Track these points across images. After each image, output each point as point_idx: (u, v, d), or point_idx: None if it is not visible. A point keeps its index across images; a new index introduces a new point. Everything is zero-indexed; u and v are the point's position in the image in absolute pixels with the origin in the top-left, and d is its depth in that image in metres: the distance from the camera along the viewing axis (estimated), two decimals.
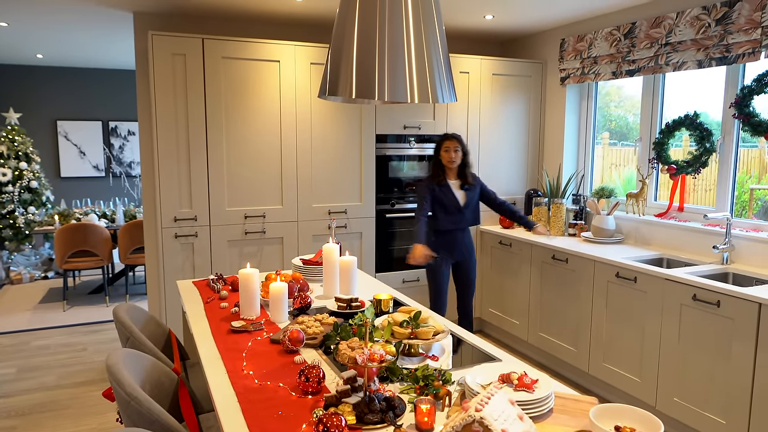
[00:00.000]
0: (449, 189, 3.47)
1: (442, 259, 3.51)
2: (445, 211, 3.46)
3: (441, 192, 3.45)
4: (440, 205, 3.47)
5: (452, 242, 3.52)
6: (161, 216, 3.54)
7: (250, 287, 2.11)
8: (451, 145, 3.43)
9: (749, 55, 3.05)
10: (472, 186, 3.55)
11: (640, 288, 3.11)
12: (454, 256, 3.55)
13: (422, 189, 3.47)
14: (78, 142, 7.09)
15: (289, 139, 3.80)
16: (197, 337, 1.93)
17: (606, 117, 4.37)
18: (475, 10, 3.83)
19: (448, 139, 3.45)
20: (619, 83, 4.23)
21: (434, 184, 3.47)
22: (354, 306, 2.18)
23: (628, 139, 4.24)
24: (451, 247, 3.53)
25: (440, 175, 3.46)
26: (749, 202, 3.43)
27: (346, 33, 1.78)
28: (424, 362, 1.68)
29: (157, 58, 3.43)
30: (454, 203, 3.47)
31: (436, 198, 3.46)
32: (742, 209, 3.43)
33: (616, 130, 4.32)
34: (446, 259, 3.53)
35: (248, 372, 1.62)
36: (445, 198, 3.45)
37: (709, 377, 2.75)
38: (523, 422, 1.10)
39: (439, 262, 3.50)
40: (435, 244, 3.50)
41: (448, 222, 3.48)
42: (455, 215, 3.48)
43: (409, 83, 1.77)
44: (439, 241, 3.51)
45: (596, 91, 4.36)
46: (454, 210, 3.47)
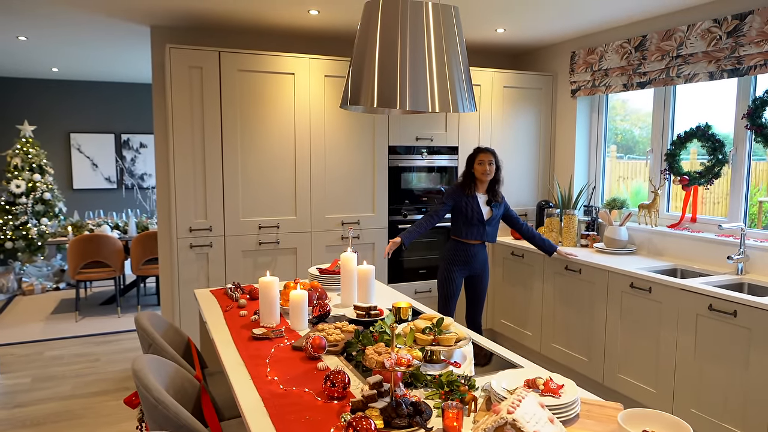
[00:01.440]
0: (476, 201, 3.45)
1: (457, 269, 3.51)
2: (467, 222, 3.45)
3: (466, 202, 3.43)
4: (463, 216, 3.45)
5: (470, 255, 3.50)
6: (177, 226, 3.57)
7: (270, 295, 2.13)
8: (486, 158, 3.42)
9: (761, 66, 3.07)
10: (499, 204, 3.52)
11: (654, 298, 3.11)
12: (469, 270, 3.54)
13: (447, 195, 3.46)
14: (90, 155, 7.17)
15: (303, 150, 3.84)
16: (219, 344, 1.95)
17: (612, 131, 4.40)
18: (487, 24, 3.88)
19: (483, 152, 3.44)
20: (624, 97, 4.26)
21: (462, 193, 3.45)
22: (373, 314, 2.20)
23: (634, 152, 4.26)
24: (467, 260, 3.51)
25: (470, 186, 3.45)
26: (758, 214, 3.43)
27: (368, 44, 1.82)
28: (447, 368, 1.69)
29: (175, 70, 3.49)
30: (478, 216, 3.44)
31: (461, 208, 3.44)
32: (752, 222, 3.43)
33: (623, 144, 4.34)
34: (461, 271, 3.52)
35: (273, 378, 1.63)
36: (470, 209, 3.43)
37: (726, 387, 2.74)
38: (554, 425, 1.11)
39: (454, 271, 3.50)
40: (452, 256, 3.50)
41: (468, 234, 3.46)
42: (476, 227, 3.46)
43: (430, 93, 1.81)
44: (457, 252, 3.50)
45: (607, 103, 4.39)
46: (476, 222, 3.45)
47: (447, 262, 3.51)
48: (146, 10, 3.51)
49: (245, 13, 3.59)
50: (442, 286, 3.55)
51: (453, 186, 3.52)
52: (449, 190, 3.49)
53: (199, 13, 3.60)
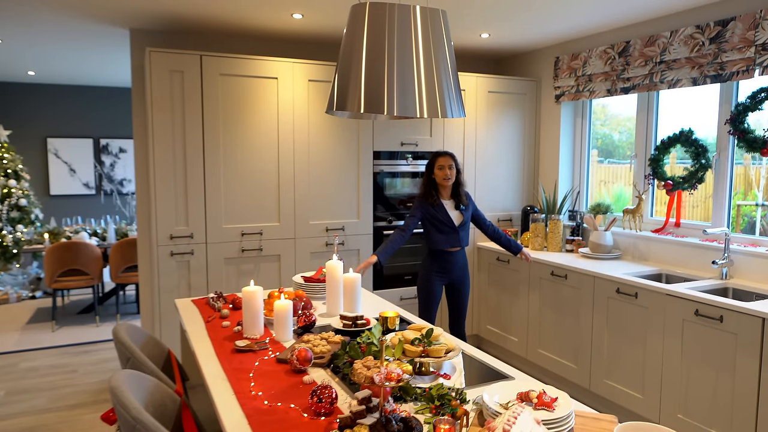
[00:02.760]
0: (443, 208, 3.37)
1: (436, 277, 3.43)
2: (439, 231, 3.36)
3: (435, 211, 3.35)
4: (434, 225, 3.36)
5: (448, 263, 3.42)
6: (157, 233, 3.48)
7: (254, 305, 2.07)
8: (445, 162, 3.32)
9: (743, 72, 3.10)
10: (467, 206, 3.45)
11: (641, 304, 3.10)
12: (449, 277, 3.45)
13: (414, 207, 3.38)
14: (68, 160, 7.02)
15: (287, 156, 3.78)
16: (200, 357, 1.88)
17: (592, 135, 4.41)
18: (472, 29, 3.87)
19: (441, 156, 3.34)
20: (604, 101, 4.28)
21: (427, 203, 3.36)
22: (359, 324, 2.15)
23: (614, 156, 4.28)
24: (446, 268, 3.43)
25: (433, 194, 3.36)
26: (737, 218, 3.46)
27: (355, 48, 1.78)
28: (437, 381, 1.65)
29: (155, 74, 3.41)
30: (449, 223, 3.36)
31: (431, 217, 3.36)
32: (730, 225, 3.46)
33: (603, 148, 4.36)
34: (440, 278, 3.44)
35: (257, 393, 1.57)
36: (441, 217, 3.35)
37: (713, 393, 2.74)
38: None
39: (433, 279, 3.43)
40: (430, 265, 3.43)
41: (442, 242, 3.37)
42: (450, 235, 3.37)
43: (418, 98, 1.77)
44: (434, 261, 3.42)
45: (590, 108, 4.41)
46: (448, 230, 3.36)
47: (425, 271, 3.43)
48: (125, 12, 3.43)
49: (227, 16, 3.53)
50: (421, 294, 3.45)
51: (417, 197, 3.41)
52: (415, 203, 3.39)
53: (180, 16, 3.53)
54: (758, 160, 3.36)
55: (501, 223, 4.56)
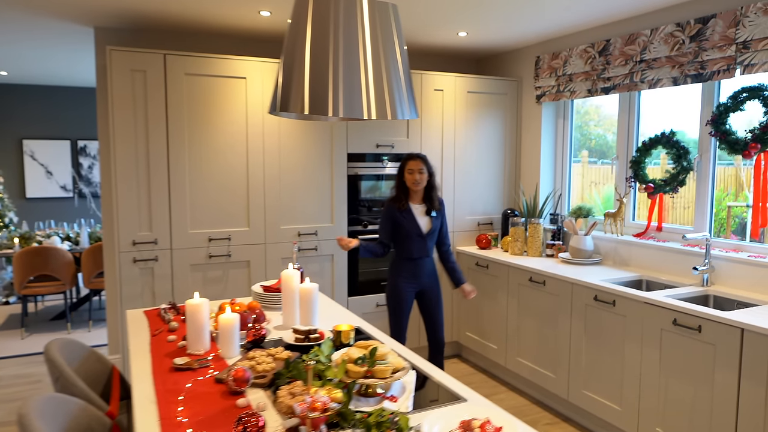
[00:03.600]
0: (411, 215, 3.21)
1: (405, 284, 3.27)
2: (406, 238, 3.21)
3: (402, 217, 3.20)
4: (400, 233, 3.22)
5: (416, 270, 3.26)
6: (119, 239, 3.35)
7: (199, 319, 1.94)
8: (416, 165, 3.17)
9: (724, 72, 2.99)
10: (439, 212, 3.30)
11: (619, 312, 2.99)
12: (418, 284, 3.30)
13: (383, 217, 3.25)
14: (45, 162, 6.86)
15: (256, 158, 3.65)
16: (134, 376, 1.75)
17: (585, 135, 4.29)
18: (448, 27, 3.75)
19: (412, 159, 3.19)
20: (598, 102, 4.16)
21: (396, 209, 3.22)
22: (313, 338, 2.02)
23: (607, 157, 4.17)
24: (414, 275, 3.27)
25: (402, 199, 3.21)
26: (727, 219, 3.35)
27: (298, 45, 1.65)
28: (381, 404, 1.53)
29: (116, 74, 3.28)
30: (416, 230, 3.21)
31: (398, 224, 3.21)
32: (721, 226, 3.35)
33: (596, 149, 4.24)
34: (409, 285, 3.28)
35: (182, 419, 1.45)
36: (407, 224, 3.20)
37: (691, 406, 2.62)
38: None
39: (402, 287, 3.27)
40: (397, 271, 3.28)
41: (410, 250, 3.23)
42: (416, 242, 3.21)
43: (365, 98, 1.64)
44: (403, 268, 3.26)
45: (572, 109, 4.29)
46: (415, 237, 3.21)
47: (393, 278, 3.29)
48: (88, 10, 3.30)
49: (193, 14, 3.40)
50: (391, 303, 3.30)
51: (386, 203, 3.27)
52: (383, 211, 3.26)
53: (144, 14, 3.39)
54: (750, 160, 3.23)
55: (481, 227, 4.44)
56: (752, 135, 2.95)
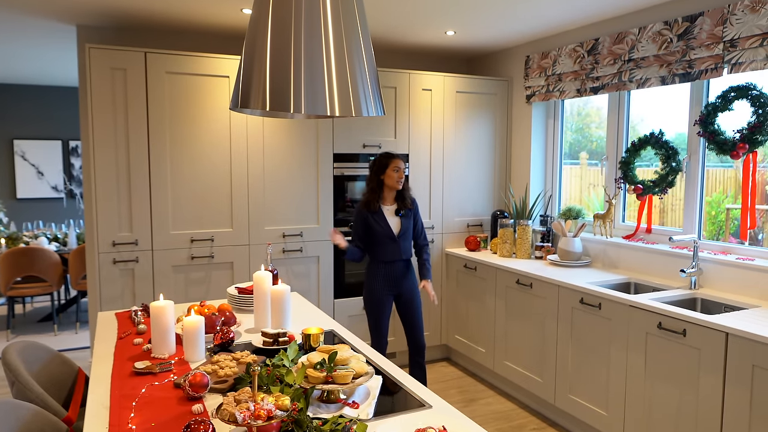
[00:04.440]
0: (382, 216, 3.16)
1: (381, 287, 3.21)
2: (379, 241, 3.15)
3: (374, 220, 3.15)
4: (372, 236, 3.17)
5: (391, 273, 3.21)
6: (98, 240, 3.30)
7: (163, 322, 1.89)
8: (401, 164, 3.15)
9: (712, 70, 2.93)
10: (409, 211, 3.24)
11: (604, 315, 2.93)
12: (395, 287, 3.25)
13: (356, 222, 3.19)
14: (36, 162, 6.82)
15: (240, 158, 3.60)
16: (92, 380, 1.70)
17: (587, 138, 4.20)
18: (435, 26, 3.70)
19: (396, 158, 3.16)
20: (599, 104, 4.08)
21: (367, 212, 3.15)
22: (281, 341, 1.97)
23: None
24: (390, 278, 3.22)
25: (376, 201, 3.15)
26: (726, 222, 3.29)
27: (258, 37, 1.60)
28: (341, 410, 1.47)
29: (95, 72, 3.23)
30: (388, 233, 3.16)
31: (369, 227, 3.16)
32: (720, 229, 3.29)
33: (598, 151, 4.15)
34: (386, 288, 3.22)
35: (131, 426, 1.39)
36: (378, 226, 3.14)
37: (676, 411, 2.56)
38: None
39: (378, 291, 3.21)
40: (372, 274, 3.22)
41: (382, 254, 3.17)
42: (389, 246, 3.16)
43: (328, 94, 1.59)
44: (377, 271, 3.21)
45: (562, 109, 4.24)
46: (387, 240, 3.16)
47: (370, 282, 3.24)
48: (69, 8, 3.25)
49: (175, 12, 3.35)
50: (368, 307, 3.25)
51: (358, 206, 3.21)
52: (354, 216, 3.20)
53: (125, 11, 3.35)
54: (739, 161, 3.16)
55: (471, 229, 4.38)
56: (740, 135, 2.89)
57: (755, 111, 2.84)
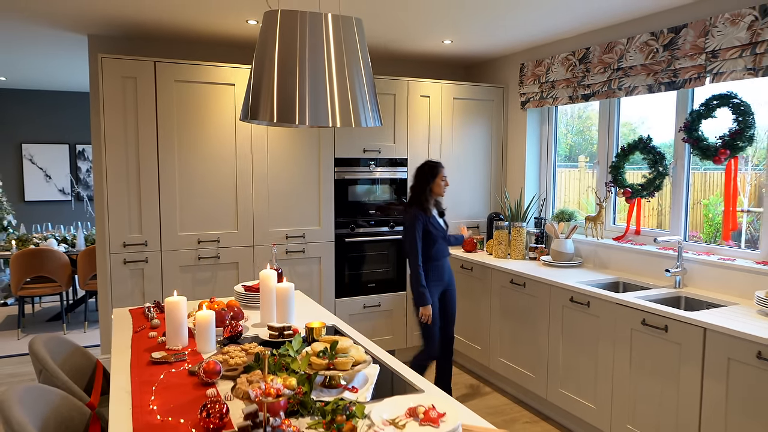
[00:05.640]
0: (435, 219, 3.41)
1: (433, 287, 3.40)
2: (434, 241, 3.38)
3: (430, 223, 3.36)
4: (430, 237, 3.36)
5: (441, 270, 3.44)
6: (110, 241, 3.45)
7: (177, 316, 2.04)
8: (445, 173, 3.40)
9: (695, 80, 3.08)
10: (442, 215, 3.52)
11: (593, 313, 3.08)
12: (442, 285, 3.47)
13: (415, 226, 3.29)
14: (44, 166, 6.99)
15: (245, 162, 3.76)
16: (114, 369, 1.85)
17: (588, 140, 4.34)
18: (433, 36, 3.85)
19: (443, 167, 3.39)
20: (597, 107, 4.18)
21: (425, 215, 3.34)
22: (286, 334, 2.12)
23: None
24: (440, 275, 3.44)
25: (430, 207, 3.37)
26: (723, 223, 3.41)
27: (267, 56, 1.75)
28: (342, 394, 1.62)
29: (107, 81, 3.39)
30: (442, 233, 3.41)
31: (427, 229, 3.35)
32: (717, 231, 3.42)
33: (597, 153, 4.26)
34: (436, 289, 3.42)
35: (153, 407, 1.54)
36: (434, 229, 3.37)
37: (659, 403, 2.71)
38: None
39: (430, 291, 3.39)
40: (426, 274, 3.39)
41: (437, 252, 3.40)
42: (440, 244, 3.41)
43: (330, 107, 1.75)
44: (431, 270, 3.41)
45: (556, 115, 4.39)
46: (440, 239, 3.40)
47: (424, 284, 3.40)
48: (81, 19, 3.41)
49: (183, 22, 3.51)
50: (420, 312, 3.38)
51: (414, 211, 3.33)
52: (413, 221, 3.31)
53: (136, 22, 3.51)
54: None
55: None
56: (722, 141, 3.04)
57: (736, 118, 2.99)
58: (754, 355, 2.28)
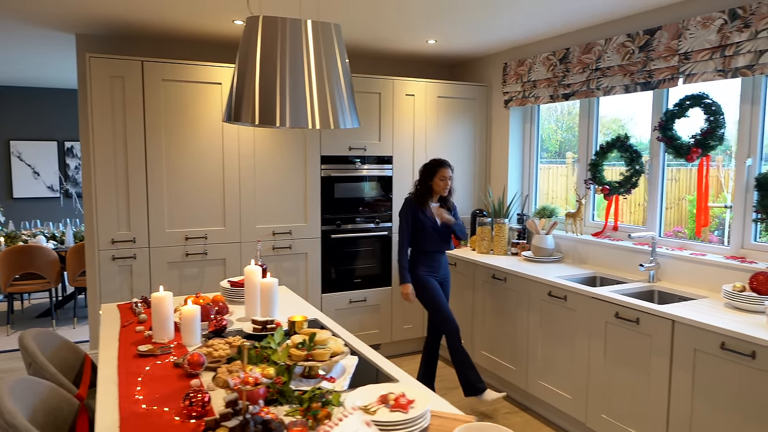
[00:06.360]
0: (430, 211, 3.50)
1: (427, 274, 3.51)
2: (424, 233, 3.47)
3: (422, 213, 3.47)
4: (419, 226, 3.47)
5: (433, 262, 3.53)
6: (98, 238, 3.51)
7: (163, 311, 2.11)
8: (447, 173, 3.44)
9: (669, 80, 3.18)
10: (449, 211, 3.56)
11: (570, 306, 3.18)
12: (436, 276, 3.55)
13: (406, 214, 3.47)
14: (32, 163, 6.99)
15: (232, 160, 3.82)
16: (101, 361, 1.92)
17: (576, 137, 4.42)
18: (417, 35, 3.93)
19: (444, 167, 3.45)
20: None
21: (418, 207, 3.47)
22: (270, 328, 2.19)
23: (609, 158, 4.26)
24: (433, 267, 3.53)
25: (426, 200, 3.47)
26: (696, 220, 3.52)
27: (249, 60, 1.82)
28: (320, 384, 1.70)
29: (95, 80, 3.44)
30: (432, 224, 3.48)
31: (418, 220, 3.47)
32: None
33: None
34: (431, 276, 3.53)
35: (138, 397, 1.61)
36: (426, 220, 3.47)
37: (631, 394, 2.81)
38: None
39: (423, 275, 3.50)
40: (417, 265, 3.51)
41: (428, 243, 3.49)
42: (432, 237, 3.48)
43: (310, 110, 1.82)
44: (421, 260, 3.51)
45: (539, 113, 4.48)
46: (431, 231, 3.48)
47: (416, 272, 3.50)
48: (68, 18, 3.45)
49: (170, 22, 3.56)
50: (424, 295, 3.49)
51: (407, 201, 3.51)
52: (406, 209, 3.49)
53: (123, 22, 3.55)
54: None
55: None
56: (694, 140, 3.14)
57: (707, 118, 3.10)
58: (718, 345, 2.38)
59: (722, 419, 2.39)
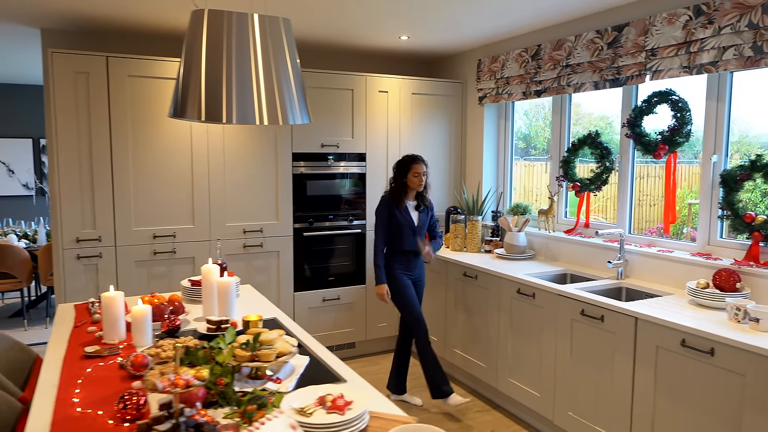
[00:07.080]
0: (406, 210, 3.47)
1: (400, 272, 3.48)
2: (401, 232, 3.44)
3: (399, 213, 3.44)
4: (394, 226, 3.44)
5: (408, 262, 3.50)
6: (62, 236, 3.45)
7: (113, 311, 2.07)
8: (421, 169, 3.40)
9: (636, 77, 3.17)
10: (426, 209, 3.54)
11: (537, 304, 3.17)
12: (411, 275, 3.53)
13: (382, 213, 3.44)
14: (6, 160, 6.89)
15: (201, 157, 3.77)
16: (45, 363, 1.87)
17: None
18: (389, 32, 3.89)
19: (417, 163, 3.41)
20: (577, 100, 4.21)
21: (394, 205, 3.44)
22: (224, 328, 2.15)
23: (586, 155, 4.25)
24: (408, 266, 3.51)
25: (401, 197, 3.44)
26: (688, 216, 3.53)
27: (194, 55, 1.78)
28: (265, 385, 1.67)
29: (58, 76, 3.37)
30: (410, 224, 3.45)
31: (394, 219, 3.43)
32: (683, 224, 3.52)
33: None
34: (406, 274, 3.50)
35: (75, 400, 1.57)
36: (403, 219, 3.43)
37: (596, 391, 2.81)
38: None
39: (399, 274, 3.47)
40: (391, 263, 3.47)
41: (404, 243, 3.45)
42: (408, 237, 3.45)
43: (257, 105, 1.78)
44: (396, 259, 3.48)
45: (513, 110, 4.47)
46: (409, 231, 3.45)
47: (390, 270, 3.48)
48: (32, 11, 3.38)
49: (135, 17, 3.50)
50: (395, 293, 3.47)
51: (383, 199, 3.48)
52: (381, 209, 3.45)
53: (87, 16, 3.48)
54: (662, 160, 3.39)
55: None
56: (662, 137, 3.14)
57: (674, 115, 3.09)
58: (678, 342, 2.38)
59: (683, 416, 2.39)
